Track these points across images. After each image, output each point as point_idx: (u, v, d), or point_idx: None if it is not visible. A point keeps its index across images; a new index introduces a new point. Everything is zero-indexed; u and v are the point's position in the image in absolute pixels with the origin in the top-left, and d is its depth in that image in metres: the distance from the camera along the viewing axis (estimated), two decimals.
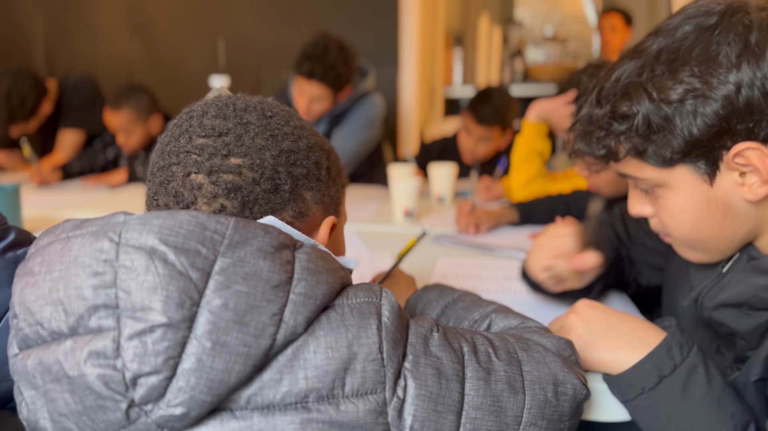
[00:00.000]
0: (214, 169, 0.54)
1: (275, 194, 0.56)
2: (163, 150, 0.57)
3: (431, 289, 0.78)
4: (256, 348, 0.44)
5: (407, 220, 1.53)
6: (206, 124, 0.56)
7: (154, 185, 0.56)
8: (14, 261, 0.58)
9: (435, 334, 0.53)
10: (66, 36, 3.09)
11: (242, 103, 0.59)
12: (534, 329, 0.63)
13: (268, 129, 0.57)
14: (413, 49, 2.84)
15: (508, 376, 0.53)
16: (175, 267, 0.44)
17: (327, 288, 0.49)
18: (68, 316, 0.45)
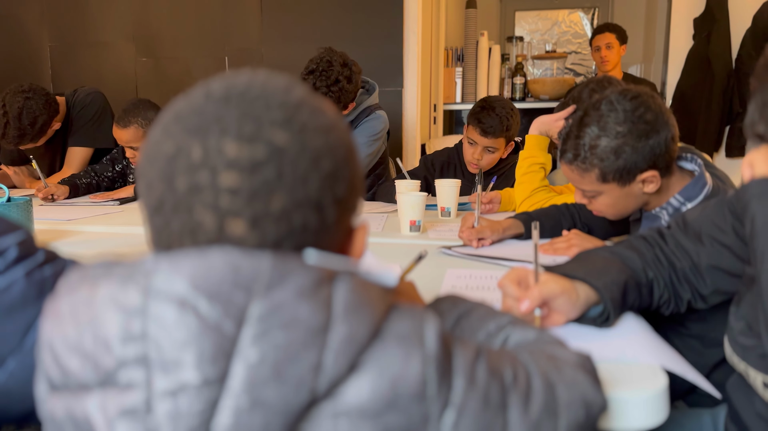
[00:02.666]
0: (258, 216, 0.46)
1: (322, 228, 0.49)
2: (171, 181, 0.47)
3: (444, 300, 0.78)
4: (295, 402, 0.42)
5: (414, 232, 1.56)
6: (232, 154, 0.46)
7: (167, 226, 0.47)
8: (40, 281, 0.59)
9: (481, 361, 0.51)
10: (72, 52, 3.13)
11: (261, 106, 0.48)
12: (553, 342, 0.63)
13: (306, 150, 0.48)
14: (416, 66, 2.89)
15: (546, 401, 0.52)
16: (207, 318, 0.41)
17: (369, 326, 0.45)
18: (96, 369, 0.43)
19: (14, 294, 0.56)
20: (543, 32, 4.93)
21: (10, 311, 0.56)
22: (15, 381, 0.57)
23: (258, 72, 0.52)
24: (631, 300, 0.90)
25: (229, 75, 0.51)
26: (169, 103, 0.51)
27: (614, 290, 0.86)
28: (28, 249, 0.60)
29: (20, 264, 0.58)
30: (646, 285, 0.93)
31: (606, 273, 0.88)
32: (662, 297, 0.94)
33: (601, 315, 0.86)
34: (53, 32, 3.12)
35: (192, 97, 0.50)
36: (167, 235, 0.48)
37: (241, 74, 0.51)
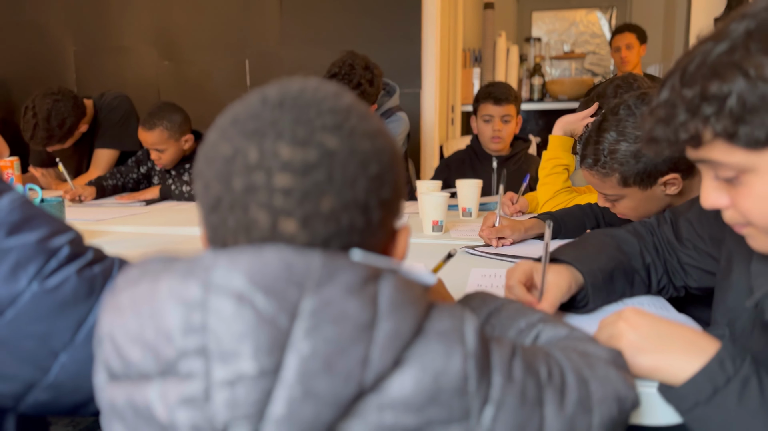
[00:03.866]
0: (308, 215, 0.48)
1: (368, 229, 0.51)
2: (228, 181, 0.49)
3: (473, 297, 0.79)
4: (344, 393, 0.44)
5: (436, 232, 1.57)
6: (286, 157, 0.48)
7: (224, 224, 0.50)
8: (90, 279, 0.61)
9: (517, 358, 0.53)
10: (96, 57, 3.18)
11: (313, 111, 0.50)
12: (584, 340, 0.64)
13: (355, 153, 0.50)
14: (434, 68, 2.90)
15: (580, 397, 0.54)
16: (263, 312, 0.43)
17: (413, 322, 0.48)
18: (158, 359, 0.45)
19: (67, 292, 0.59)
20: (560, 33, 4.92)
21: (62, 307, 0.58)
22: (66, 375, 0.60)
23: (309, 79, 0.54)
24: (620, 288, 0.94)
25: (283, 82, 0.53)
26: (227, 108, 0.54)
27: (597, 276, 0.91)
28: (79, 248, 0.63)
29: (72, 263, 0.60)
30: (643, 270, 0.97)
31: (594, 260, 0.93)
32: (660, 282, 0.98)
33: (583, 299, 0.92)
34: (77, 37, 3.17)
35: (248, 102, 0.52)
36: (223, 232, 0.50)
37: (294, 81, 0.54)
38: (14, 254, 0.57)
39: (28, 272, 0.57)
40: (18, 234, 0.58)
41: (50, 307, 0.58)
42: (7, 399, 0.59)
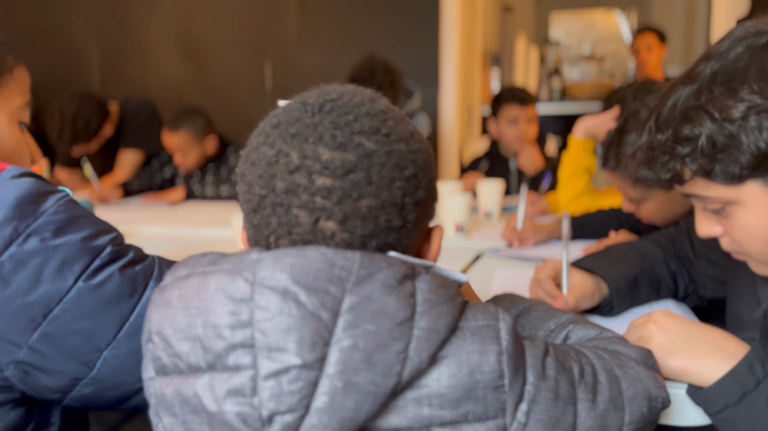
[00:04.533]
0: (347, 215, 0.51)
1: (403, 228, 0.54)
2: (271, 183, 0.52)
3: (501, 299, 0.80)
4: (384, 386, 0.46)
5: (459, 234, 1.58)
6: (325, 158, 0.50)
7: (267, 223, 0.52)
8: (132, 277, 0.63)
9: (550, 356, 0.54)
10: (120, 61, 3.23)
11: (352, 116, 0.53)
12: (614, 340, 0.65)
13: (391, 156, 0.53)
14: (453, 70, 2.91)
15: (612, 395, 0.55)
16: (307, 308, 0.45)
17: (449, 320, 0.49)
18: (206, 353, 0.47)
19: (110, 289, 0.61)
20: (579, 34, 4.90)
21: (106, 305, 0.61)
22: (109, 370, 0.62)
23: (347, 85, 0.57)
24: (645, 293, 0.96)
25: (322, 88, 0.56)
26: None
27: (621, 281, 0.93)
28: (121, 247, 0.65)
29: (115, 262, 0.62)
30: (669, 277, 0.99)
31: (616, 266, 0.95)
32: (687, 289, 1.00)
33: (608, 304, 0.94)
34: (102, 42, 3.22)
35: (290, 107, 0.55)
36: (265, 232, 0.53)
37: (332, 87, 0.56)
38: (61, 253, 0.59)
39: (74, 270, 0.59)
40: (64, 233, 0.60)
41: (95, 304, 0.60)
42: (53, 392, 0.61)
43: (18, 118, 0.78)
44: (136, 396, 0.65)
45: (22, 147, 0.79)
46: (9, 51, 0.77)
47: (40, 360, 0.58)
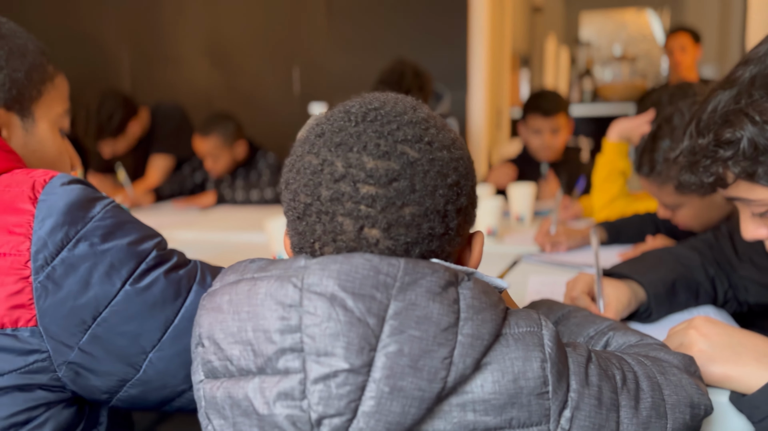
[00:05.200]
0: (391, 223, 0.51)
1: (446, 235, 0.54)
2: (316, 192, 0.52)
3: (539, 305, 0.80)
4: (429, 391, 0.47)
5: (491, 239, 1.57)
6: (369, 167, 0.51)
7: (312, 231, 0.53)
8: (176, 281, 0.64)
9: (592, 363, 0.54)
10: (150, 67, 3.29)
11: (394, 125, 0.53)
12: (655, 346, 0.64)
13: (434, 164, 0.53)
14: (482, 72, 2.90)
15: (654, 402, 0.55)
16: (354, 314, 0.46)
17: (492, 326, 0.50)
18: (257, 357, 0.48)
19: (155, 293, 0.62)
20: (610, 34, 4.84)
21: (152, 308, 0.62)
22: (154, 372, 0.63)
23: (389, 94, 0.57)
24: (684, 299, 0.95)
25: (365, 96, 0.57)
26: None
27: (659, 286, 0.92)
28: (165, 252, 0.66)
29: (160, 266, 0.64)
30: (707, 282, 0.97)
31: (653, 271, 0.94)
32: (726, 295, 0.98)
33: (646, 310, 0.93)
34: (132, 49, 3.29)
35: (333, 117, 0.55)
36: (310, 239, 0.54)
37: (375, 96, 0.57)
38: (109, 257, 0.60)
39: (121, 274, 0.61)
40: (112, 238, 0.61)
41: (141, 307, 0.61)
42: (102, 393, 0.62)
43: (59, 125, 0.80)
44: (180, 398, 0.66)
45: (63, 153, 0.81)
46: (49, 60, 0.79)
47: (90, 362, 0.60)
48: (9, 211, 0.58)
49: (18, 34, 0.75)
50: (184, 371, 0.64)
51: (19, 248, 0.57)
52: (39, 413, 0.58)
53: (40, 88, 0.76)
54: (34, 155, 0.76)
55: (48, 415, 0.59)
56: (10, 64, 0.72)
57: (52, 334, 0.58)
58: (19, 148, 0.74)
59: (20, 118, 0.74)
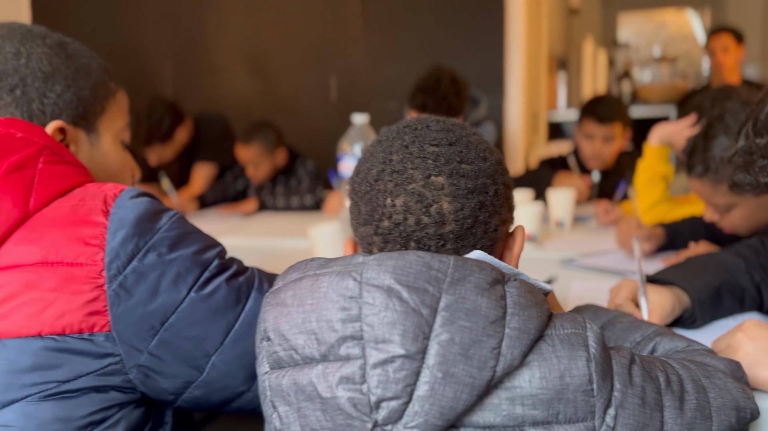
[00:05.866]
0: (453, 172, 0.58)
1: (496, 198, 0.61)
2: (388, 158, 0.60)
3: (584, 310, 0.81)
4: (479, 379, 0.50)
5: (530, 245, 1.58)
6: (433, 135, 0.60)
7: (384, 188, 0.59)
8: (237, 288, 0.68)
9: (635, 365, 0.56)
10: (192, 77, 3.38)
11: (450, 120, 0.64)
12: (702, 352, 0.65)
13: (481, 142, 0.63)
14: (518, 76, 2.90)
15: (699, 404, 0.56)
16: (409, 304, 0.50)
17: (538, 322, 0.53)
18: (320, 344, 0.52)
19: (218, 299, 0.66)
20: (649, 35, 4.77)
21: (215, 314, 0.65)
22: (217, 374, 0.66)
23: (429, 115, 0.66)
24: (729, 305, 0.95)
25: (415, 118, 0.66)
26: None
27: (703, 292, 0.92)
28: (226, 260, 0.70)
29: (222, 274, 0.67)
30: (753, 288, 0.96)
31: (698, 277, 0.94)
32: None
33: (690, 316, 0.92)
34: (175, 59, 3.38)
35: (386, 131, 0.64)
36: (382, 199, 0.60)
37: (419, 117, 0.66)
38: (175, 266, 0.64)
39: (187, 282, 0.64)
40: (178, 248, 0.65)
41: (204, 313, 0.65)
42: (169, 394, 0.66)
43: (120, 138, 0.85)
44: (239, 399, 0.70)
45: (125, 165, 0.86)
46: (111, 77, 0.84)
47: (158, 364, 0.64)
48: (84, 223, 0.62)
49: (83, 53, 0.80)
50: (244, 373, 0.68)
51: (94, 258, 0.61)
52: (113, 413, 0.62)
53: (103, 104, 0.81)
54: (99, 168, 0.80)
55: (121, 415, 0.63)
56: (76, 83, 0.77)
57: (125, 339, 0.62)
58: (86, 162, 0.78)
59: (86, 133, 0.79)
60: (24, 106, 0.73)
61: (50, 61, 0.75)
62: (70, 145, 0.77)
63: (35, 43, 0.75)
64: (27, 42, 0.74)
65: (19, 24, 0.77)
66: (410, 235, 0.59)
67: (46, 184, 0.64)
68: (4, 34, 0.74)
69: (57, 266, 0.60)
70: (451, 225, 0.58)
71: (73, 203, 0.64)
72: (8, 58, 0.73)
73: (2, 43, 0.73)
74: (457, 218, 0.58)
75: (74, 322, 0.59)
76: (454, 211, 0.58)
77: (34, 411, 0.58)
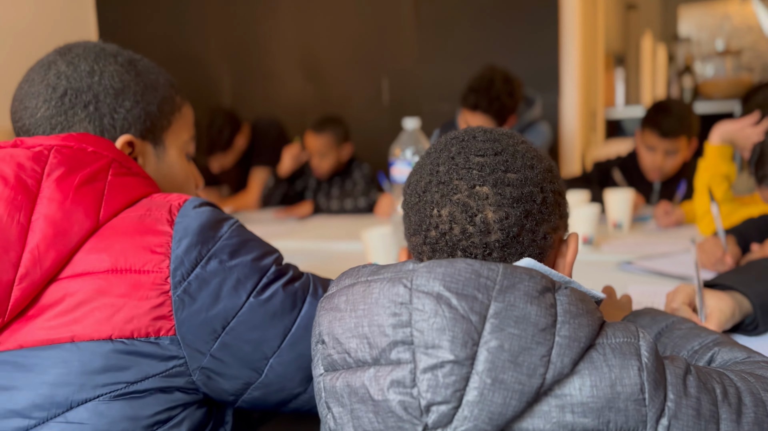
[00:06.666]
0: (498, 181, 0.59)
1: (544, 206, 0.61)
2: (435, 170, 0.62)
3: (643, 314, 0.80)
4: (529, 386, 0.50)
5: (587, 248, 1.55)
6: (479, 146, 0.62)
7: (431, 199, 0.61)
8: (293, 293, 0.70)
9: (690, 375, 0.55)
10: (249, 83, 3.46)
11: (498, 130, 0.65)
12: (763, 364, 0.63)
13: (529, 151, 0.63)
14: (574, 73, 2.84)
15: (757, 417, 0.55)
16: (458, 311, 0.51)
17: (589, 330, 0.53)
18: (372, 348, 0.54)
19: (275, 304, 0.68)
20: (711, 28, 4.58)
21: (272, 318, 0.68)
22: (274, 375, 0.69)
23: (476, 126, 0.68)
24: None
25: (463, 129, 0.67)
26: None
27: (765, 297, 0.88)
28: (283, 266, 0.72)
29: (279, 280, 0.70)
30: None
31: (760, 281, 0.90)
32: None
33: (752, 322, 0.89)
34: (232, 66, 3.47)
35: (435, 145, 0.65)
36: (429, 209, 0.61)
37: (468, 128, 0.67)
38: (236, 272, 0.67)
39: (246, 287, 0.67)
40: (238, 255, 0.68)
41: (263, 317, 0.68)
42: (229, 395, 0.69)
43: (185, 151, 0.88)
44: (296, 400, 0.72)
45: (189, 175, 0.89)
46: (177, 91, 0.87)
47: (220, 366, 0.67)
48: (151, 232, 0.66)
49: (151, 69, 0.84)
50: (300, 375, 0.70)
51: (160, 266, 0.64)
52: (177, 412, 0.65)
53: (170, 118, 0.85)
54: (165, 179, 0.84)
55: (184, 414, 0.66)
56: (144, 98, 0.81)
57: (188, 342, 0.65)
58: (152, 173, 0.82)
59: (153, 146, 0.83)
60: (96, 121, 0.77)
61: (121, 78, 0.79)
62: (138, 157, 0.81)
63: (108, 61, 0.79)
64: (100, 60, 0.79)
65: (93, 43, 0.82)
66: (456, 244, 0.60)
67: (115, 195, 0.68)
68: (80, 52, 0.79)
69: (126, 273, 0.63)
70: (496, 234, 0.59)
71: (140, 213, 0.68)
72: (83, 75, 0.77)
73: (78, 61, 0.78)
74: (503, 227, 0.59)
75: (142, 326, 0.63)
76: (498, 219, 0.59)
77: (105, 410, 0.61)
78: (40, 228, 0.62)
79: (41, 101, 0.76)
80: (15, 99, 0.79)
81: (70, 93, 0.76)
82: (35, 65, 0.79)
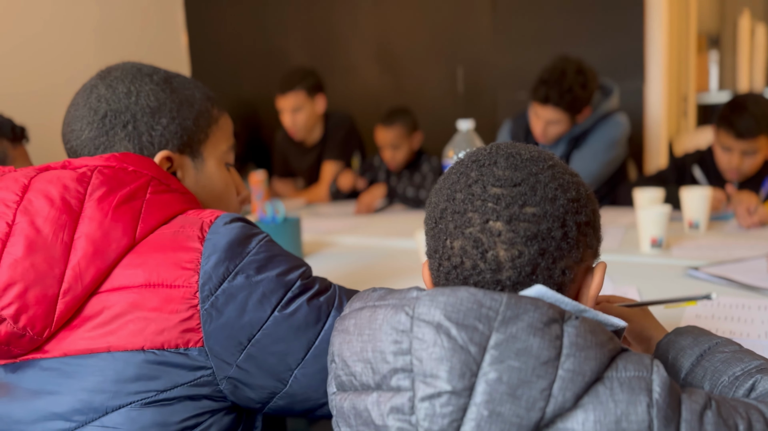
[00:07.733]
0: (513, 217, 0.57)
1: (564, 241, 0.59)
2: (452, 196, 0.61)
3: (684, 334, 0.75)
4: (527, 420, 0.49)
5: (655, 251, 1.48)
6: (498, 175, 0.59)
7: (445, 229, 0.60)
8: (318, 307, 0.72)
9: (709, 411, 0.53)
10: (328, 76, 3.52)
11: (526, 153, 0.62)
12: None
13: (555, 179, 0.60)
14: (661, 57, 2.68)
15: None
16: (456, 341, 0.51)
17: (596, 364, 0.51)
18: (375, 374, 0.55)
19: (300, 318, 0.71)
20: None
21: (297, 331, 0.70)
22: (298, 386, 0.72)
23: (506, 143, 0.65)
24: None
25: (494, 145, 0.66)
26: None
27: None
28: (309, 280, 0.74)
29: (304, 294, 0.72)
30: None
31: None
32: None
33: None
34: (313, 59, 3.54)
35: (462, 162, 0.64)
36: (443, 237, 0.61)
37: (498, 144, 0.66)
38: (261, 287, 0.70)
39: (271, 301, 0.70)
40: (264, 270, 0.71)
41: (287, 331, 0.70)
42: (256, 403, 0.73)
43: (224, 161, 0.92)
44: (321, 409, 0.75)
45: (230, 185, 0.93)
46: (214, 104, 0.91)
47: (246, 377, 0.70)
48: (182, 249, 0.70)
49: (186, 85, 0.88)
50: (324, 386, 0.72)
51: (189, 281, 0.68)
52: (205, 419, 0.69)
53: (207, 131, 0.88)
54: (204, 190, 0.88)
55: (212, 420, 0.70)
56: (180, 114, 0.85)
57: (216, 353, 0.69)
58: (192, 185, 0.87)
59: (191, 159, 0.87)
60: (135, 140, 0.82)
61: (156, 96, 0.84)
62: (177, 171, 0.85)
63: (143, 81, 0.84)
64: (137, 81, 0.84)
65: (131, 64, 0.87)
66: (467, 278, 0.59)
67: (152, 213, 0.73)
68: (118, 75, 0.84)
69: (158, 288, 0.68)
70: (508, 272, 0.58)
71: (174, 230, 0.72)
72: (121, 97, 0.82)
73: (116, 84, 0.83)
74: (515, 265, 0.57)
75: (172, 338, 0.67)
76: (510, 258, 0.58)
77: (137, 416, 0.66)
78: (81, 246, 0.68)
79: (85, 123, 0.82)
80: (64, 122, 0.85)
81: (110, 114, 0.81)
82: (80, 90, 0.85)
